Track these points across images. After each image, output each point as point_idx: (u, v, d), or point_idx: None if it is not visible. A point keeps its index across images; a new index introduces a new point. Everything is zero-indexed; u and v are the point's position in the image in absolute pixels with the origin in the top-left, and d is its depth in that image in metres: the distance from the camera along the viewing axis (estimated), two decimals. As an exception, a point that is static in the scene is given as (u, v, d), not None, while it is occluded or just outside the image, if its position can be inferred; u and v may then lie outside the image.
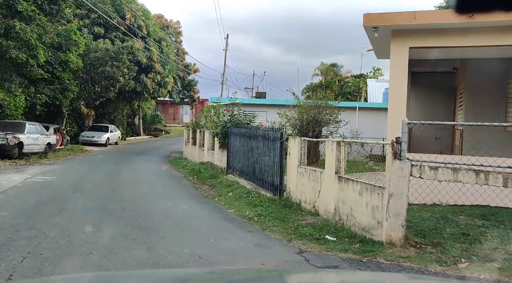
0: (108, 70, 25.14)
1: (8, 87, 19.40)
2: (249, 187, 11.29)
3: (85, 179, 12.71)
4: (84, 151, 24.00)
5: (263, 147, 10.95)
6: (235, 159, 13.46)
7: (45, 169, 14.81)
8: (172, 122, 62.36)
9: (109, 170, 15.43)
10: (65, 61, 21.93)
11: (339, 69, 52.62)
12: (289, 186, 9.29)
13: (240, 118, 14.97)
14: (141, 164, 18.73)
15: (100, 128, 30.17)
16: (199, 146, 19.54)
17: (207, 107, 21.32)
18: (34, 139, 17.50)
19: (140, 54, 29.34)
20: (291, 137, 9.54)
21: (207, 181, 13.31)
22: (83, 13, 29.50)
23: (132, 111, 41.19)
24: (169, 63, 35.48)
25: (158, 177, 14.61)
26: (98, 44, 26.47)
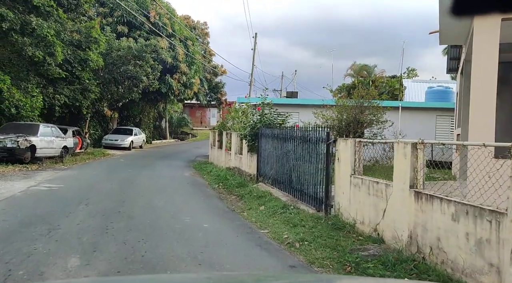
0: (131, 70, 23.78)
1: (25, 87, 18.24)
2: (285, 199, 9.36)
3: (95, 188, 11.10)
4: (106, 155, 22.69)
5: (302, 151, 9.00)
6: (266, 165, 11.57)
7: (56, 175, 13.36)
8: (199, 125, 61.07)
9: (126, 177, 13.84)
10: (85, 60, 20.67)
11: (372, 69, 49.96)
12: (339, 200, 7.30)
13: (272, 117, 13.09)
14: (163, 170, 17.11)
15: (124, 131, 28.96)
16: (226, 150, 17.78)
17: (234, 108, 19.55)
18: (49, 142, 16.16)
19: (164, 53, 27.94)
20: (341, 138, 7.55)
21: (234, 191, 11.47)
22: (106, 11, 28.42)
23: (158, 114, 40.03)
24: (195, 64, 34.02)
25: (179, 185, 12.88)
26: (121, 42, 25.20)
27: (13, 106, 17.19)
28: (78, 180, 12.56)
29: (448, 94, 24.58)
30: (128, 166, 17.53)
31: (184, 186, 12.86)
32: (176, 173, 16.17)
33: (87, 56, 20.65)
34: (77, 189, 10.74)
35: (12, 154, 14.41)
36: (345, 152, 7.02)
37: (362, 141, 6.79)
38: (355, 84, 48.60)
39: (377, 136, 15.83)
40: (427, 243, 4.98)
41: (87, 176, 13.82)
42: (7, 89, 17.07)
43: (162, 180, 13.77)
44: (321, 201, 7.80)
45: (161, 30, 29.86)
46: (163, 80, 30.05)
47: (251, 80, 39.51)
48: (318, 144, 7.97)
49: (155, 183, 12.83)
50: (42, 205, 8.42)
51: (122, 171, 15.65)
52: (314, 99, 24.33)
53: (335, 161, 7.40)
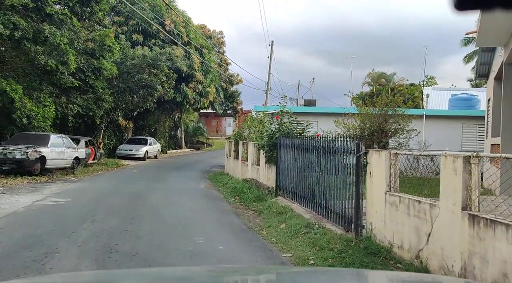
0: (146, 78, 23.35)
1: (37, 97, 17.89)
2: (308, 216, 8.51)
3: (104, 202, 10.44)
4: (119, 166, 22.18)
5: (326, 163, 8.17)
6: (286, 178, 10.75)
7: (65, 188, 12.79)
8: (215, 134, 60.58)
9: (137, 190, 13.18)
10: (98, 68, 20.29)
11: (391, 76, 48.79)
12: (371, 220, 6.43)
13: (291, 126, 12.30)
14: (177, 181, 16.43)
15: (138, 141, 28.52)
16: (242, 160, 17.02)
17: (251, 116, 18.83)
18: (59, 153, 15.67)
19: (180, 62, 27.51)
20: (373, 150, 6.70)
21: (252, 205, 10.66)
22: (121, 20, 28.21)
23: (174, 123, 39.64)
24: (211, 72, 33.54)
25: (193, 199, 12.14)
26: (136, 51, 24.85)
27: (24, 116, 16.81)
28: (87, 194, 11.95)
29: (473, 102, 23.45)
30: (141, 178, 16.91)
31: (199, 200, 12.11)
32: (191, 185, 15.46)
33: (100, 65, 20.27)
34: (84, 204, 10.09)
35: (21, 166, 13.93)
36: (379, 165, 6.17)
37: (400, 153, 5.93)
38: (373, 92, 47.58)
39: (403, 146, 14.89)
40: (489, 278, 4.09)
41: (97, 189, 13.21)
42: (19, 99, 16.72)
43: (176, 193, 13.07)
44: (350, 220, 6.94)
45: (177, 38, 29.51)
46: (179, 89, 29.63)
47: (268, 89, 38.84)
48: (346, 156, 7.14)
49: (168, 196, 12.12)
50: (44, 223, 7.76)
51: (134, 183, 15.02)
52: (334, 107, 23.47)
53: (367, 175, 6.55)
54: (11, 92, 16.41)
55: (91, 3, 19.21)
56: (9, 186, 12.37)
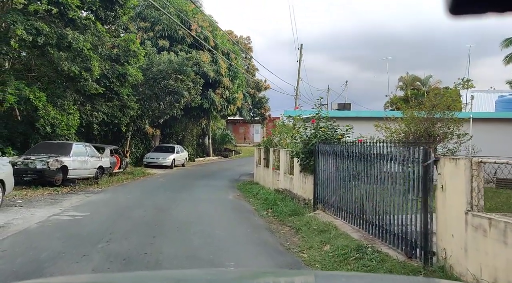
0: (172, 84, 22.61)
1: (61, 104, 17.35)
2: (356, 236, 7.24)
3: (125, 217, 9.49)
4: (145, 175, 21.44)
5: (379, 173, 6.90)
6: (326, 189, 9.49)
7: (86, 200, 11.97)
8: (243, 141, 59.64)
9: (162, 201, 12.23)
10: (123, 74, 19.65)
11: (427, 79, 46.57)
12: (445, 246, 5.12)
13: (329, 131, 11.07)
14: (204, 191, 15.44)
15: (165, 149, 27.84)
16: (273, 169, 15.86)
17: (282, 121, 17.67)
18: (82, 163, 14.95)
19: (206, 66, 26.71)
20: (446, 157, 5.40)
21: (287, 220, 9.47)
22: (147, 25, 27.74)
23: (202, 130, 38.94)
24: (238, 78, 32.65)
25: (222, 212, 11.06)
26: (162, 56, 24.20)
27: (48, 124, 16.26)
28: (108, 206, 11.06)
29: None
30: (167, 188, 16.00)
31: (228, 213, 11.01)
32: (219, 196, 14.41)
33: (125, 71, 19.63)
34: (103, 219, 9.16)
35: (42, 176, 13.25)
36: (455, 177, 4.87)
37: (486, 162, 4.62)
38: (408, 95, 45.56)
39: (453, 152, 13.37)
40: None
41: (119, 200, 12.33)
42: (42, 107, 16.19)
43: (203, 205, 12.03)
44: (413, 244, 5.65)
45: (203, 43, 28.80)
46: (206, 95, 28.86)
47: (297, 93, 37.59)
48: (407, 165, 5.87)
49: (195, 209, 11.08)
50: (53, 244, 6.82)
51: (160, 193, 14.10)
52: (372, 111, 22.05)
53: (437, 189, 5.25)
54: (34, 100, 15.90)
55: (115, 7, 18.58)
56: (28, 198, 11.65)
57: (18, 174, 13.12)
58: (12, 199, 11.22)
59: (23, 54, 17.95)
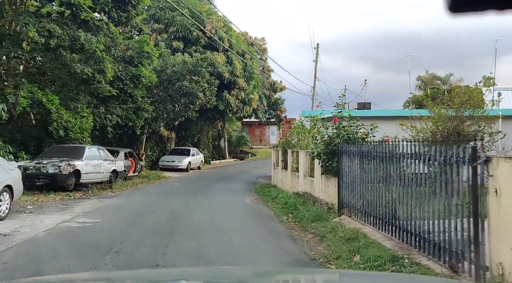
0: (186, 86, 22.15)
1: (74, 107, 17.04)
2: (389, 245, 6.54)
3: (137, 223, 8.96)
4: (161, 178, 21.01)
5: (414, 175, 6.21)
6: (352, 192, 8.80)
7: (98, 206, 11.52)
8: (259, 143, 59.03)
9: (177, 206, 11.70)
10: (137, 76, 19.27)
11: (447, 77, 45.20)
12: (501, 260, 4.40)
13: (353, 130, 10.39)
14: (221, 195, 14.88)
15: (181, 151, 27.44)
16: (292, 171, 15.21)
17: (300, 121, 17.01)
18: (95, 167, 14.53)
19: (221, 67, 26.20)
20: (499, 157, 4.67)
21: (310, 226, 8.80)
22: (161, 27, 27.40)
23: (217, 133, 38.52)
24: (254, 78, 32.08)
25: (240, 218, 10.46)
26: (176, 58, 23.79)
27: (61, 128, 15.95)
28: (121, 212, 10.57)
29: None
30: (182, 192, 15.49)
31: (246, 218, 10.41)
32: (236, 200, 13.83)
33: (139, 72, 19.25)
34: (114, 226, 8.65)
35: (54, 181, 12.87)
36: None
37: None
38: (427, 94, 44.31)
39: (485, 151, 12.49)
40: None
41: (133, 205, 11.85)
42: (55, 110, 15.90)
43: (220, 210, 11.46)
44: (459, 256, 4.94)
45: (218, 43, 28.33)
46: (221, 96, 28.35)
47: (313, 94, 36.87)
48: (450, 166, 5.16)
49: (211, 215, 10.51)
50: (60, 254, 6.32)
51: (175, 198, 13.58)
52: (394, 110, 21.23)
53: (489, 194, 4.54)
54: (47, 103, 15.61)
55: (128, 8, 18.22)
56: (39, 204, 11.25)
57: (30, 179, 12.81)
58: (22, 205, 10.84)
59: (38, 58, 17.78)
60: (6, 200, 8.76)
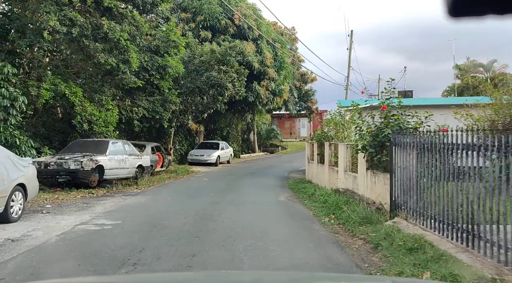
0: (215, 76, 21.12)
1: (99, 100, 16.32)
2: (466, 259, 5.23)
3: (161, 226, 7.98)
4: (189, 173, 20.15)
5: (504, 172, 4.87)
6: (409, 191, 7.48)
7: (121, 204, 10.65)
8: (289, 136, 57.63)
9: (205, 205, 10.68)
10: (163, 66, 18.39)
11: (490, 64, 42.36)
12: None
13: (404, 120, 9.06)
14: (252, 192, 13.81)
15: (210, 145, 26.57)
16: (330, 165, 13.93)
17: (338, 111, 15.64)
18: (119, 162, 13.71)
19: (251, 56, 25.02)
20: None
21: (358, 231, 7.57)
22: (188, 16, 26.46)
23: (247, 126, 37.47)
24: (285, 68, 30.75)
25: (275, 219, 9.32)
26: (203, 47, 22.80)
27: (85, 121, 15.25)
28: (144, 212, 9.63)
29: None
30: (211, 188, 14.51)
31: (282, 220, 9.25)
32: (269, 197, 12.71)
33: (165, 62, 18.36)
34: (135, 229, 7.69)
35: (75, 178, 12.13)
36: None
37: None
38: (468, 82, 41.69)
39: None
40: None
41: (158, 204, 10.92)
42: (79, 103, 15.20)
43: (252, 209, 10.36)
44: None
45: (247, 32, 27.18)
46: (250, 88, 27.21)
47: (347, 83, 35.13)
48: None
49: (243, 215, 9.41)
50: (67, 266, 5.38)
51: (203, 195, 12.60)
52: (439, 98, 19.54)
53: None
54: (70, 95, 14.93)
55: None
56: (58, 203, 10.48)
57: (52, 175, 12.13)
58: (41, 204, 10.10)
59: (61, 49, 17.17)
60: (19, 201, 7.95)
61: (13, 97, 12.44)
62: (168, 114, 19.64)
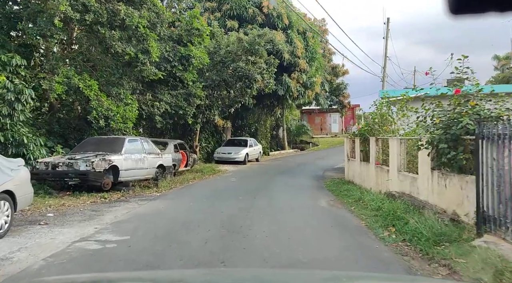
0: (242, 67, 19.41)
1: (117, 93, 14.92)
2: None
3: (177, 243, 6.32)
4: (215, 173, 18.57)
5: None
6: (510, 200, 5.51)
7: (134, 212, 9.08)
8: (319, 132, 55.30)
9: (232, 212, 8.98)
10: (186, 57, 16.83)
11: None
12: None
13: (483, 107, 7.07)
14: (287, 195, 12.04)
15: (238, 142, 24.96)
16: (377, 163, 11.96)
17: (386, 101, 13.59)
18: (137, 161, 12.19)
19: (281, 44, 23.17)
20: None
21: (435, 252, 5.66)
22: (214, 5, 24.86)
23: (276, 122, 35.62)
24: (317, 59, 28.72)
25: (319, 233, 7.48)
26: (230, 37, 21.12)
27: (101, 117, 13.86)
28: (160, 222, 8.01)
29: None
30: (239, 190, 12.82)
31: (329, 234, 7.40)
32: (307, 202, 10.89)
33: (189, 52, 16.79)
34: (145, 249, 6.04)
35: (86, 180, 10.67)
36: None
37: None
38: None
39: None
40: None
41: (178, 211, 9.30)
42: (94, 97, 13.83)
43: (289, 218, 8.57)
44: None
45: (276, 22, 25.34)
46: (280, 81, 25.38)
47: (384, 75, 32.70)
48: None
49: (279, 227, 7.63)
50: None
51: (230, 199, 10.91)
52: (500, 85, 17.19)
53: None
54: (85, 89, 13.58)
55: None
56: (63, 210, 9.02)
57: (61, 178, 10.74)
58: (42, 212, 8.67)
59: (75, 38, 15.89)
60: (5, 212, 6.46)
61: (18, 90, 11.11)
62: (192, 109, 18.09)
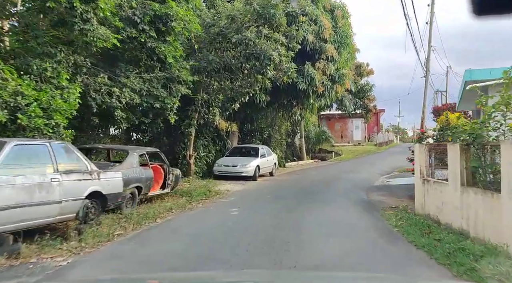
0: (251, 39, 13.31)
1: (41, 69, 8.99)
2: None
3: None
4: (210, 196, 12.48)
5: None
6: None
7: None
8: (340, 140, 48.70)
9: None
10: (163, 18, 10.85)
11: None
12: None
13: None
14: (327, 243, 5.87)
15: (246, 151, 18.95)
16: (487, 190, 5.71)
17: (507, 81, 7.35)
18: (31, 189, 6.05)
19: (308, 6, 17.09)
20: None
21: None
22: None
23: (292, 127, 29.35)
24: (347, 46, 22.51)
25: None
26: (235, 2, 15.11)
27: (3, 108, 7.92)
28: None
29: None
30: (242, 236, 6.73)
31: None
32: (370, 264, 4.72)
33: (167, 10, 10.81)
34: None
35: None
36: None
37: None
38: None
39: None
40: None
41: None
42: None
43: None
44: None
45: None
46: (301, 71, 19.27)
47: (427, 67, 26.40)
48: None
49: None
50: None
51: (222, 263, 4.78)
52: None
53: None
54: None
55: None
56: None
57: None
58: None
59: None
60: None
61: None
62: (175, 101, 12.01)
